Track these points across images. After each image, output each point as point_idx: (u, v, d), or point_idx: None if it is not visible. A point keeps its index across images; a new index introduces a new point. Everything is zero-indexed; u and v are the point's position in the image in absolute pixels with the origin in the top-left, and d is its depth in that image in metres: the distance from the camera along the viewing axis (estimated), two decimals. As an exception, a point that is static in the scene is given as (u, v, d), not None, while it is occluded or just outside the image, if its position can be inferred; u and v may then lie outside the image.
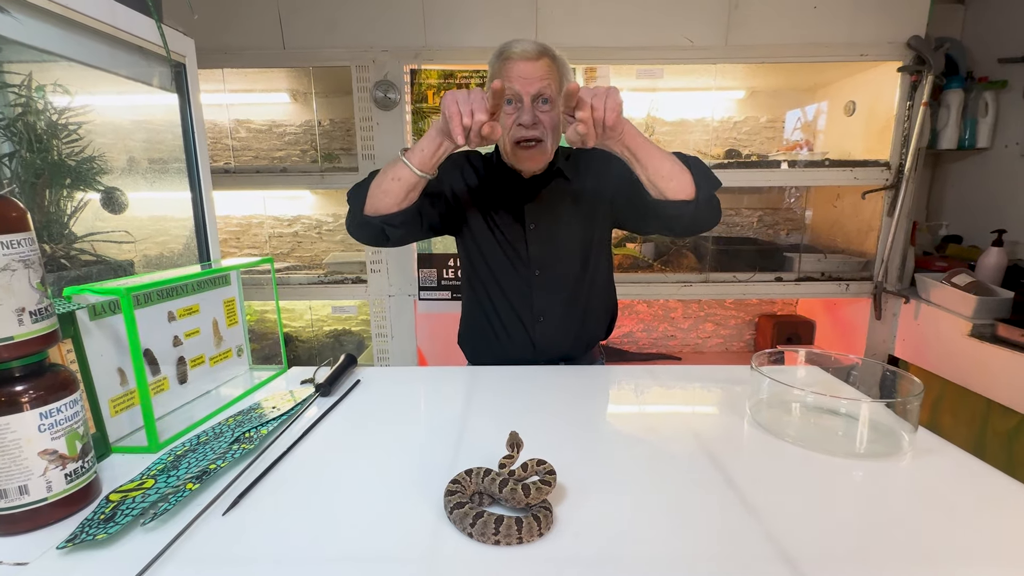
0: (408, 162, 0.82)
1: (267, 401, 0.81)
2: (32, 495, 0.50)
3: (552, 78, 0.92)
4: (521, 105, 0.92)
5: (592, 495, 0.55)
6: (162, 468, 0.60)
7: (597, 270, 1.09)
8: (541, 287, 1.05)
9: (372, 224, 0.90)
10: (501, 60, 0.93)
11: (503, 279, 1.06)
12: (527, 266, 1.05)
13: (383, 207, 0.87)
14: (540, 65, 0.91)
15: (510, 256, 1.05)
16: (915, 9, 1.78)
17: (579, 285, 1.07)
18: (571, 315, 1.07)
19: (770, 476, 0.58)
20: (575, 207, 1.05)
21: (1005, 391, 1.54)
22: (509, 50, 0.92)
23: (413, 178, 0.83)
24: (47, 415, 0.50)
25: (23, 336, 0.48)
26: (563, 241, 1.04)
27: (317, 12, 1.81)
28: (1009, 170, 1.97)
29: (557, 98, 0.92)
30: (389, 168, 0.86)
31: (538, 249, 1.04)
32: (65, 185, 0.84)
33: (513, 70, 0.91)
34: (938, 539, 0.48)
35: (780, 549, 0.46)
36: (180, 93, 0.85)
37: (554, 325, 1.06)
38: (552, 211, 1.04)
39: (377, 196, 0.87)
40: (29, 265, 0.49)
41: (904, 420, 0.66)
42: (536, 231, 1.04)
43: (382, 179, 0.86)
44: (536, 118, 0.92)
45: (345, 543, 0.48)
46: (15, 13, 0.61)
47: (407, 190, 0.85)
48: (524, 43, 0.92)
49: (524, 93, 0.91)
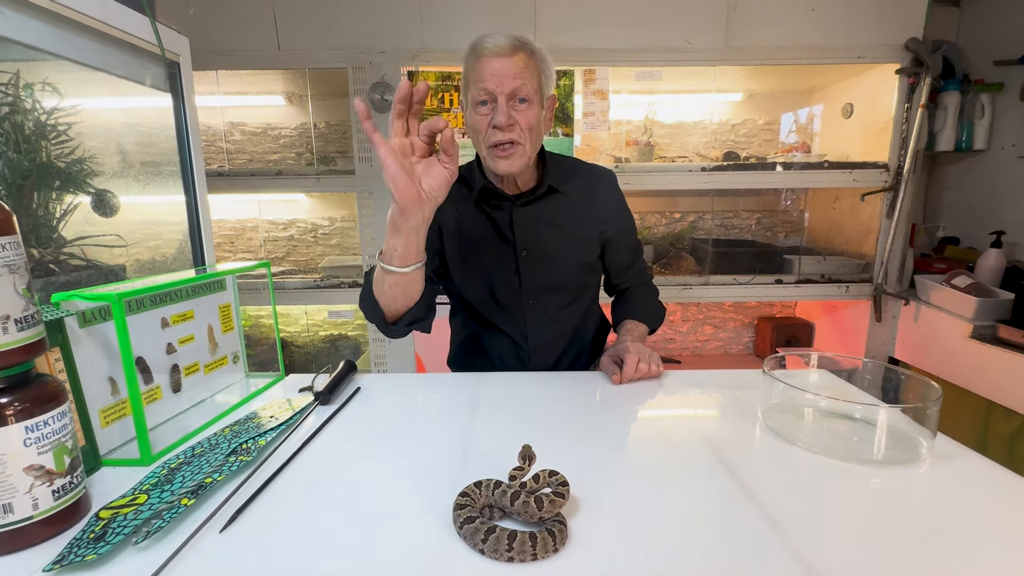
0: (390, 267, 0.75)
1: (264, 410, 0.78)
2: (17, 514, 0.47)
3: (529, 75, 0.84)
4: (495, 105, 0.84)
5: (607, 507, 0.52)
6: (155, 482, 0.57)
7: (589, 292, 1.07)
8: (535, 316, 1.01)
9: (402, 327, 0.87)
10: (474, 56, 0.85)
11: (495, 310, 1.02)
12: (520, 295, 1.00)
13: (401, 309, 0.83)
14: (515, 61, 0.83)
15: (501, 286, 1.00)
16: (912, 11, 1.79)
17: (574, 309, 1.04)
18: (564, 343, 1.05)
19: (787, 484, 0.57)
20: (568, 226, 0.98)
21: (1006, 393, 1.54)
22: (481, 45, 0.84)
23: (405, 277, 0.76)
24: (33, 428, 0.47)
25: (8, 345, 0.46)
26: (556, 266, 0.99)
27: (313, 13, 1.79)
28: (1006, 172, 1.98)
29: (534, 96, 0.86)
30: (380, 279, 0.79)
31: (531, 276, 0.99)
32: (54, 187, 0.81)
33: (486, 67, 0.83)
34: (962, 548, 0.46)
35: (805, 563, 0.44)
36: (174, 93, 0.82)
37: (548, 352, 1.04)
38: (544, 234, 0.97)
39: (389, 306, 0.83)
40: (15, 270, 0.46)
41: (922, 426, 0.64)
42: (528, 257, 0.98)
43: (381, 289, 0.80)
44: (512, 118, 0.84)
45: (349, 561, 0.45)
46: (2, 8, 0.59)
47: (408, 286, 0.80)
48: (498, 37, 0.84)
49: (499, 92, 0.83)
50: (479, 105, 0.86)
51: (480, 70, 0.84)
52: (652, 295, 1.11)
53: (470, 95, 0.87)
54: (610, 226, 1.02)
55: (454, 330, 1.16)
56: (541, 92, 0.88)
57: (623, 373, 0.86)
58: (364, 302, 0.87)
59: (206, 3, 1.73)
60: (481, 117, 0.86)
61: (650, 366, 0.87)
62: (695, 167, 1.89)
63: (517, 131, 0.86)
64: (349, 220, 2.39)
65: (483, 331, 1.06)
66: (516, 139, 0.86)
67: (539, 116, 0.88)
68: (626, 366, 0.86)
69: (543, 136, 0.93)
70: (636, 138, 2.18)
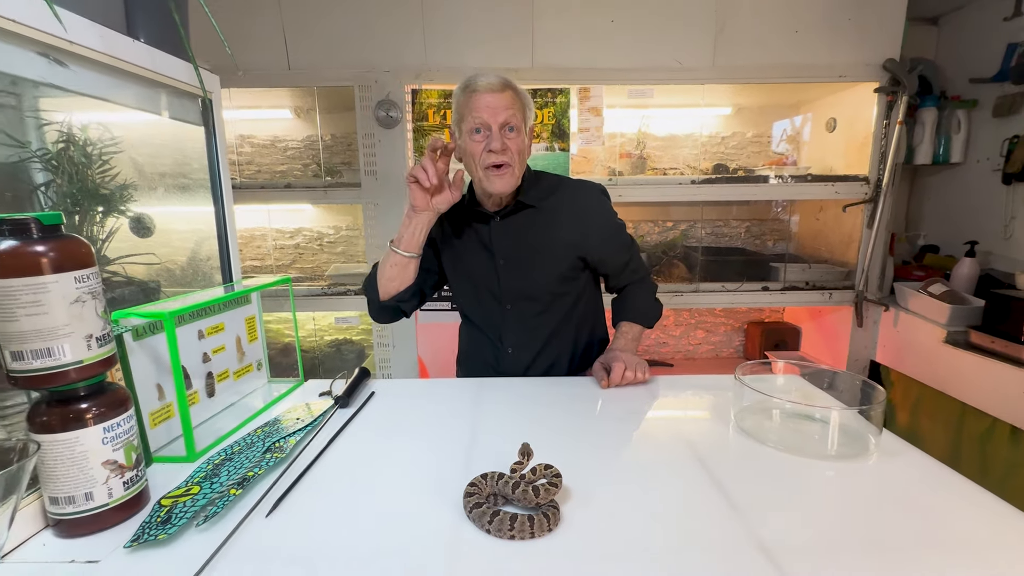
0: (397, 249, 1.01)
1: (289, 413, 0.87)
2: (96, 500, 0.56)
3: (516, 108, 0.98)
4: (490, 133, 0.97)
5: (594, 495, 0.61)
6: (204, 476, 0.66)
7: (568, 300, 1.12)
8: (511, 320, 1.11)
9: (389, 306, 1.08)
10: (467, 93, 0.98)
11: (478, 313, 1.15)
12: (499, 300, 1.11)
13: (393, 289, 1.06)
14: (505, 96, 0.97)
15: (483, 291, 1.11)
16: (890, 33, 1.89)
17: (549, 316, 1.11)
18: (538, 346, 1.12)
19: (751, 477, 0.66)
20: (545, 238, 1.07)
21: (978, 395, 1.63)
22: (475, 84, 0.98)
23: (404, 259, 1.02)
24: (109, 429, 0.56)
25: (91, 359, 0.55)
26: (532, 274, 1.08)
27: (321, 33, 1.88)
28: (981, 184, 2.08)
29: (521, 125, 0.99)
30: (385, 259, 1.04)
31: (509, 283, 1.09)
32: (99, 212, 0.90)
33: (480, 101, 0.96)
34: (894, 529, 0.55)
35: (757, 540, 0.53)
36: (207, 126, 0.91)
37: (522, 357, 1.12)
38: (520, 245, 1.08)
39: (384, 283, 1.05)
40: (95, 296, 0.55)
41: (871, 424, 0.73)
42: (506, 266, 1.08)
43: (383, 268, 1.05)
44: (504, 144, 0.97)
45: (376, 540, 0.54)
46: (70, 64, 0.67)
47: (403, 270, 1.03)
48: (489, 76, 0.98)
49: (492, 122, 0.96)
50: (474, 133, 0.97)
51: (475, 104, 0.96)
52: (646, 293, 1.17)
53: (464, 125, 0.99)
54: (591, 235, 1.09)
55: (461, 333, 1.26)
56: (525, 122, 1.01)
57: (610, 379, 0.96)
58: (367, 282, 1.11)
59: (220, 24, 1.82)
60: (476, 143, 0.98)
61: (636, 374, 0.97)
62: (685, 180, 1.99)
63: (509, 154, 0.98)
64: (353, 228, 2.48)
65: (471, 332, 1.19)
66: (508, 161, 0.98)
67: (524, 142, 1.00)
68: (613, 373, 0.96)
69: (527, 159, 1.05)
70: (629, 151, 2.27)
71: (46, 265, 0.51)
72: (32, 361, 0.51)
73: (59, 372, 0.53)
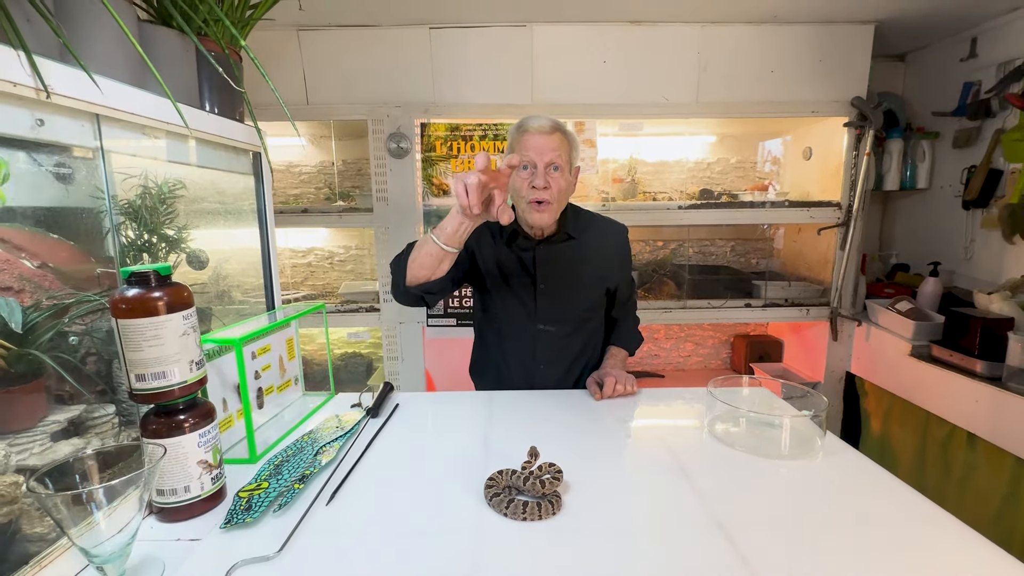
0: (436, 239, 0.96)
1: (327, 423, 1.01)
2: (192, 492, 0.70)
3: (562, 149, 1.09)
4: (536, 171, 1.08)
5: (590, 488, 0.76)
6: (268, 474, 0.80)
7: (595, 324, 1.29)
8: (544, 339, 1.24)
9: (412, 293, 1.08)
10: (520, 132, 1.10)
11: (512, 329, 1.26)
12: (534, 320, 1.23)
13: (422, 277, 1.03)
14: (553, 139, 1.08)
15: (520, 310, 1.23)
16: (857, 73, 2.07)
17: (577, 337, 1.26)
18: (568, 362, 1.26)
19: (717, 473, 0.80)
20: (581, 269, 1.20)
21: (939, 404, 1.79)
22: (527, 124, 1.09)
23: (441, 252, 0.97)
24: (202, 435, 0.71)
25: (192, 380, 0.69)
26: (568, 301, 1.21)
27: (337, 71, 2.04)
28: (944, 209, 2.26)
29: (565, 166, 1.11)
30: (422, 244, 1.00)
31: (546, 306, 1.21)
32: (162, 249, 1.04)
33: (530, 141, 1.08)
34: (827, 511, 0.70)
35: (715, 519, 0.68)
36: (256, 176, 1.06)
37: (552, 372, 1.26)
38: (561, 273, 1.20)
39: (414, 269, 1.03)
40: (195, 329, 0.70)
41: (818, 428, 0.89)
42: (544, 290, 1.20)
43: (417, 253, 1.01)
44: (547, 182, 1.07)
45: (415, 521, 0.68)
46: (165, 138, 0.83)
47: (438, 262, 1.00)
48: (541, 119, 1.09)
49: (539, 161, 1.07)
50: (522, 169, 1.10)
51: (525, 143, 1.09)
52: (635, 325, 1.37)
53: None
54: (615, 272, 1.26)
55: (476, 343, 1.38)
56: (570, 163, 1.13)
57: (603, 392, 1.11)
58: (396, 260, 1.11)
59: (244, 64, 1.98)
60: (522, 179, 1.10)
61: (625, 387, 1.12)
62: (672, 205, 2.15)
63: (550, 193, 1.08)
64: (362, 248, 2.63)
65: (500, 345, 1.29)
66: (548, 199, 1.09)
67: (567, 182, 1.13)
68: (605, 387, 1.11)
69: (568, 197, 1.17)
70: (621, 176, 2.44)
71: (162, 307, 0.66)
72: (151, 382, 0.66)
73: (169, 390, 0.67)
